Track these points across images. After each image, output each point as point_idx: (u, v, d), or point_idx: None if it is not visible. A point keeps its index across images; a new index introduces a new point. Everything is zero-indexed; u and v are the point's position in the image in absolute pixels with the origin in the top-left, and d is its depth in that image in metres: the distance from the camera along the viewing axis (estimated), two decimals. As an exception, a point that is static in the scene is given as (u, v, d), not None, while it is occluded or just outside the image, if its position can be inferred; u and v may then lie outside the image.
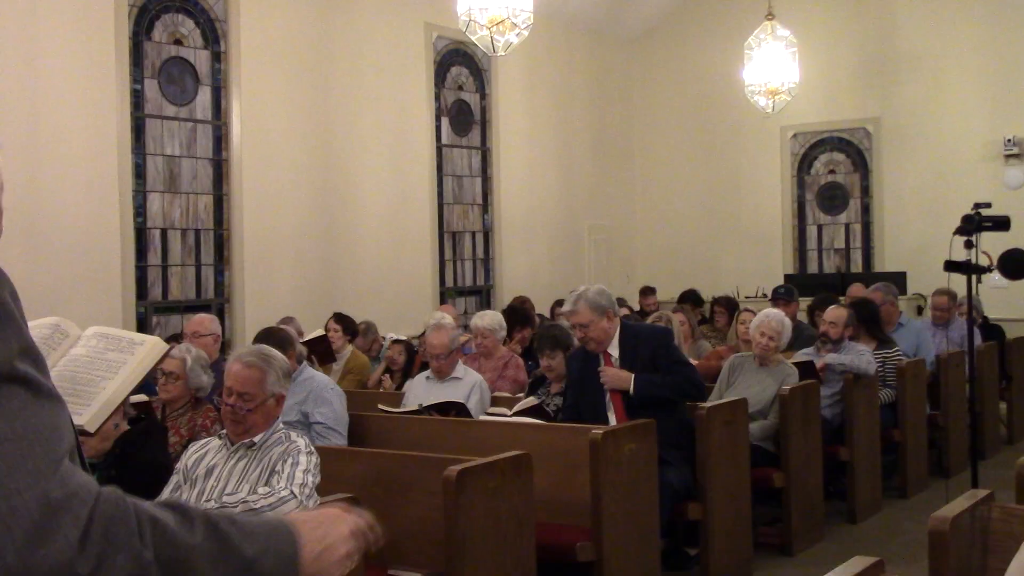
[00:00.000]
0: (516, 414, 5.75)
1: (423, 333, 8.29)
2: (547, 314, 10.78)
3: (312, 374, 5.95)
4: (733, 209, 14.89)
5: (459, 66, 12.84)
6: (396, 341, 8.63)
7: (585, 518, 4.83)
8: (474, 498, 4.09)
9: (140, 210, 9.52)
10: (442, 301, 12.06)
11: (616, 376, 5.57)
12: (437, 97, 12.46)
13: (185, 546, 1.31)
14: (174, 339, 7.47)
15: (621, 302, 10.52)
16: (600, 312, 5.61)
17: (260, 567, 1.40)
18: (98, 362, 2.37)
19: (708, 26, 14.88)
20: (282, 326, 6.77)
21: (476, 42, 8.65)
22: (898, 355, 7.79)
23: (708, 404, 5.77)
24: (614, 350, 5.67)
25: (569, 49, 14.23)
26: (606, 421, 5.55)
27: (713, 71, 14.68)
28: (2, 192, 1.48)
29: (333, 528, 1.59)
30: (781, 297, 9.06)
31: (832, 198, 14.52)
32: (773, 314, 6.83)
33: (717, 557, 5.65)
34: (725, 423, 5.74)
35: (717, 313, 10.27)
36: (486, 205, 13.20)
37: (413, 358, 8.45)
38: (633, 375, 5.52)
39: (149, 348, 2.45)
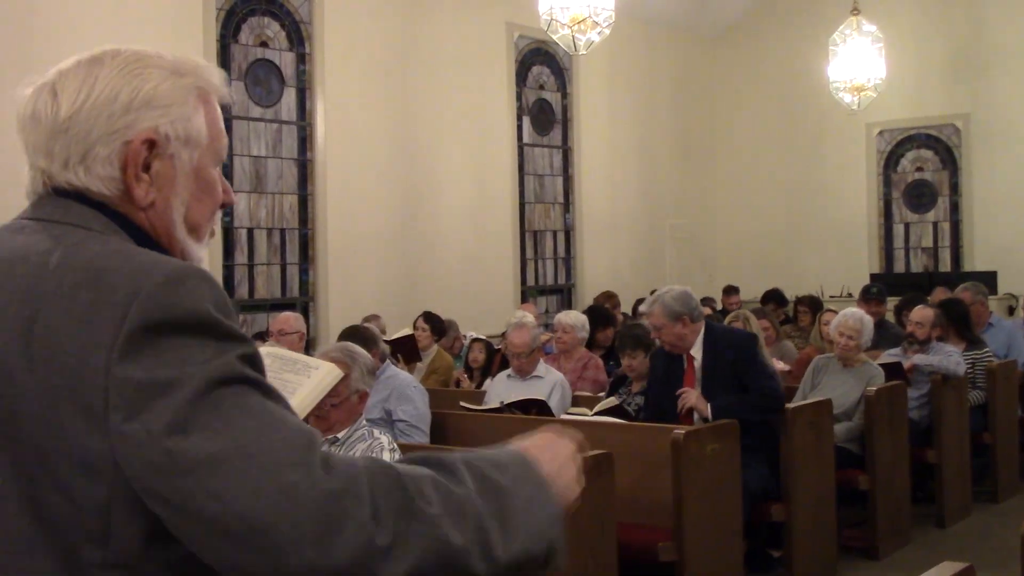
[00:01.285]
0: (597, 414, 5.74)
1: (504, 332, 8.32)
2: (629, 313, 10.75)
3: (395, 372, 6.00)
4: (817, 207, 14.69)
5: (540, 65, 12.85)
6: (476, 340, 8.67)
7: (666, 518, 4.80)
8: (555, 497, 4.08)
9: (227, 210, 9.70)
10: (523, 300, 12.09)
11: (694, 401, 5.50)
12: (518, 96, 12.49)
13: (461, 494, 1.29)
14: (259, 337, 7.60)
15: (707, 301, 10.47)
16: (674, 317, 5.58)
17: (520, 494, 1.37)
18: (275, 382, 2.43)
19: (791, 22, 14.70)
20: (366, 324, 6.84)
21: (558, 41, 8.66)
22: (988, 356, 7.62)
23: (792, 405, 5.71)
24: (697, 352, 5.64)
25: (650, 47, 14.16)
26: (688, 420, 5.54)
27: (797, 68, 14.50)
28: (200, 144, 1.48)
29: (559, 449, 1.52)
30: (873, 297, 8.87)
31: (920, 196, 14.26)
32: (851, 313, 6.73)
33: (801, 559, 5.58)
34: (809, 424, 5.67)
35: (801, 313, 10.14)
36: (567, 204, 13.20)
37: (493, 357, 8.48)
38: (710, 404, 5.45)
39: (325, 372, 2.47)
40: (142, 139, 1.38)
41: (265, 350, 2.55)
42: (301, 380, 2.43)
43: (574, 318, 7.44)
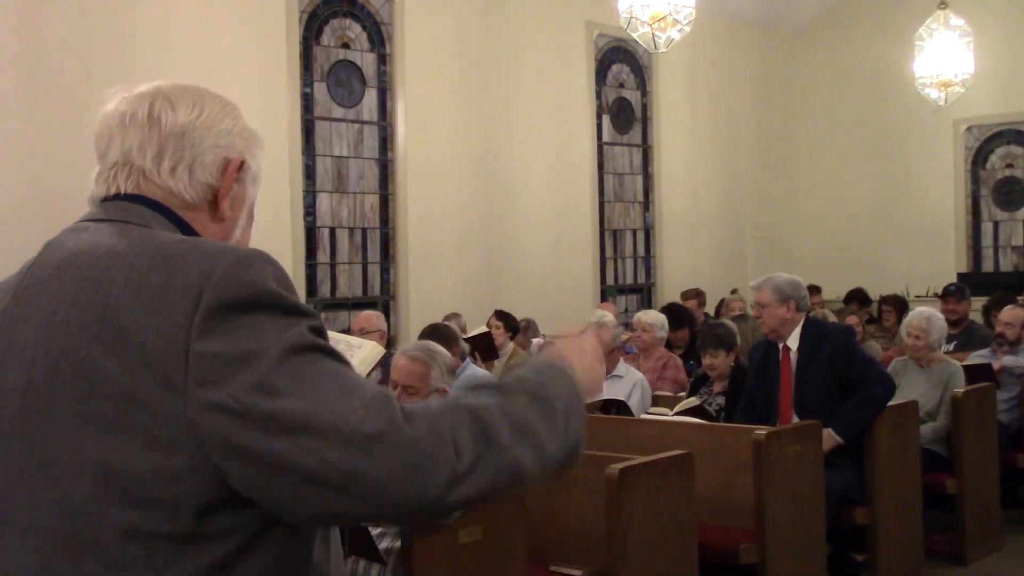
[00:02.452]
0: (677, 414, 5.71)
1: (584, 331, 8.29)
2: (711, 312, 10.67)
3: (475, 370, 6.03)
4: (902, 205, 14.42)
5: (620, 63, 12.81)
6: (549, 340, 8.67)
7: (748, 520, 4.76)
8: (635, 497, 4.08)
9: (310, 209, 9.84)
10: (602, 299, 12.07)
11: (827, 441, 5.37)
12: (598, 95, 12.46)
13: (521, 417, 1.44)
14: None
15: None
16: (780, 298, 5.56)
17: (561, 403, 1.52)
18: None
19: (876, 17, 14.45)
20: (446, 323, 6.88)
21: (637, 39, 8.62)
22: (1081, 358, 7.41)
23: (876, 406, 5.62)
24: (793, 343, 5.59)
25: (732, 44, 14.04)
26: (777, 418, 5.49)
27: (881, 63, 14.25)
28: (258, 185, 1.64)
29: (585, 349, 1.72)
30: (952, 295, 8.69)
31: (1009, 193, 13.92)
32: (918, 312, 6.60)
33: (885, 564, 5.50)
34: (894, 426, 5.58)
35: (885, 313, 9.98)
36: (647, 203, 13.14)
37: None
38: (830, 429, 5.35)
39: (369, 350, 2.57)
40: (240, 159, 1.57)
41: None
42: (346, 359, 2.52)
43: (654, 317, 7.42)
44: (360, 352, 2.57)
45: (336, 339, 2.62)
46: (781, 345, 5.63)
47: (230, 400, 1.28)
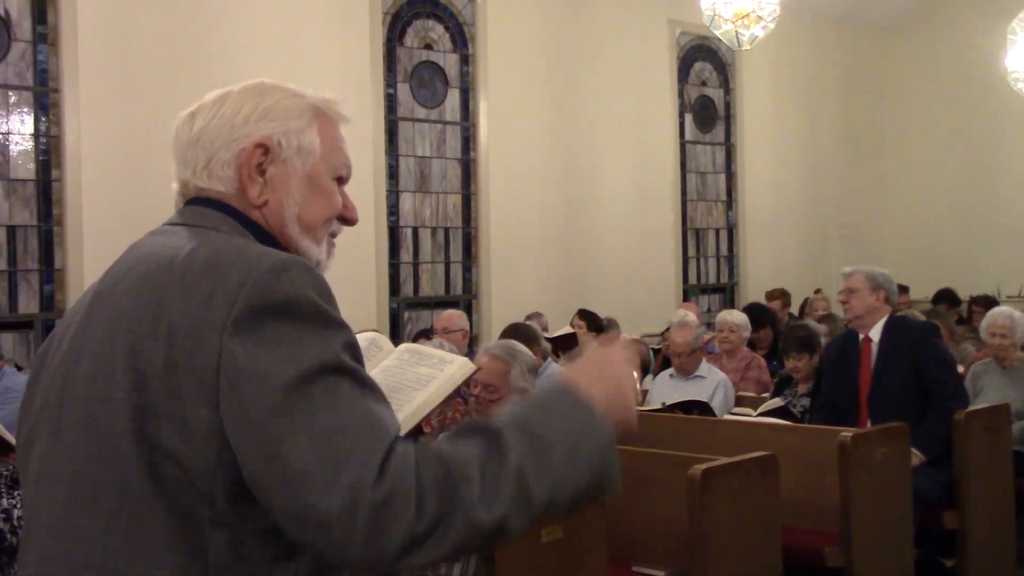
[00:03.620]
0: (761, 415, 5.66)
1: (666, 330, 8.27)
2: (795, 313, 10.55)
3: (556, 370, 6.04)
4: (993, 203, 14.08)
5: (702, 62, 12.72)
6: (631, 341, 8.64)
7: (833, 523, 4.70)
8: (718, 498, 4.05)
9: (393, 209, 9.94)
10: (685, 298, 12.00)
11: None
12: (680, 93, 12.39)
13: (509, 466, 1.38)
14: (424, 335, 7.75)
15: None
16: (873, 285, 5.51)
17: (567, 438, 1.44)
18: (409, 374, 2.52)
19: (966, 10, 14.13)
20: (528, 322, 6.90)
21: (720, 37, 8.57)
22: None
23: (967, 410, 5.50)
24: (875, 334, 5.51)
25: (816, 40, 13.84)
26: (856, 411, 5.41)
27: (971, 58, 13.93)
28: (309, 157, 1.65)
29: (609, 367, 1.57)
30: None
31: (1107, 190, 13.53)
32: (999, 312, 6.46)
33: (976, 570, 5.38)
34: (985, 430, 5.45)
35: (975, 313, 9.77)
36: (730, 201, 13.04)
37: (650, 356, 8.45)
38: (914, 449, 5.25)
39: (458, 367, 2.58)
40: (255, 143, 1.59)
41: (403, 346, 2.72)
42: (435, 374, 2.54)
43: (738, 317, 7.37)
44: (449, 368, 2.58)
45: (428, 354, 2.64)
46: (862, 336, 5.55)
47: (239, 411, 1.35)
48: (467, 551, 1.37)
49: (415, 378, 2.51)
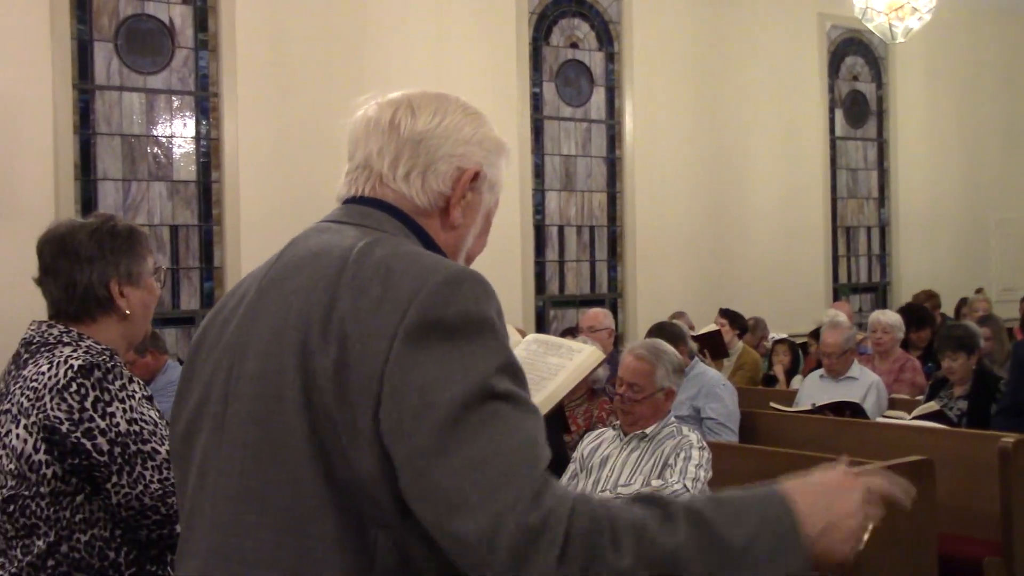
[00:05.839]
0: (916, 418, 5.51)
1: (815, 330, 8.12)
2: (950, 314, 10.22)
3: (703, 369, 5.99)
4: None
5: (854, 55, 12.41)
6: (779, 342, 8.52)
7: (993, 531, 4.55)
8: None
9: (539, 208, 10.00)
10: (835, 298, 11.73)
11: None
12: (831, 88, 12.12)
13: (667, 546, 1.30)
14: (570, 333, 7.78)
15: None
16: None
17: (754, 551, 1.34)
18: (539, 364, 2.55)
19: None
20: (674, 321, 6.86)
21: (873, 30, 8.36)
22: None
23: None
24: None
25: (975, 31, 13.34)
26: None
27: None
28: (496, 194, 1.69)
29: (839, 498, 1.45)
30: None
31: None
32: None
33: None
34: None
35: None
36: (882, 199, 12.69)
37: (798, 357, 8.32)
38: None
39: (587, 355, 2.60)
40: (475, 169, 1.60)
41: (531, 336, 2.74)
42: (564, 363, 2.56)
43: (892, 318, 7.18)
44: (578, 356, 2.62)
45: (556, 344, 2.68)
46: None
47: (398, 431, 1.33)
48: None
49: (545, 367, 2.53)
